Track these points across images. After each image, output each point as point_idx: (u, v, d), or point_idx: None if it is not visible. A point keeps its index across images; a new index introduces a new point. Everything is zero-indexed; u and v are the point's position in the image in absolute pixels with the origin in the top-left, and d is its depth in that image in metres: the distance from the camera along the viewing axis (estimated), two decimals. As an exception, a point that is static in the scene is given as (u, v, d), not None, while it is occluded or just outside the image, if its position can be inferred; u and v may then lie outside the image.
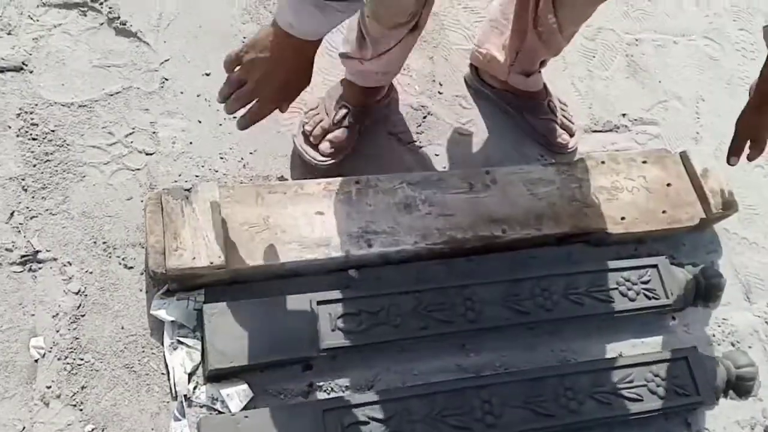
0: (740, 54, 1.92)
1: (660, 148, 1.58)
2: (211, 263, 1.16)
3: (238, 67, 1.02)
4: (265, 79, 1.01)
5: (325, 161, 1.41)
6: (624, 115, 1.73)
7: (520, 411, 1.22)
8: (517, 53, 1.50)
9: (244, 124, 1.05)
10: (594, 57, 1.80)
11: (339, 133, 1.42)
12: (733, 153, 1.35)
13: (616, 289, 1.39)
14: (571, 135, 1.63)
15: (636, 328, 1.43)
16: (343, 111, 1.42)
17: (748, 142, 1.33)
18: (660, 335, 1.43)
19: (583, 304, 1.36)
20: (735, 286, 1.55)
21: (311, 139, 1.42)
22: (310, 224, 1.28)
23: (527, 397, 1.23)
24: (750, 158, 1.34)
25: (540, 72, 1.57)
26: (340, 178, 1.36)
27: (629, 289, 1.40)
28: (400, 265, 1.35)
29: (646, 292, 1.40)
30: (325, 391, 1.21)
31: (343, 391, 1.22)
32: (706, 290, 1.47)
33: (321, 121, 1.43)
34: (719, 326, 1.49)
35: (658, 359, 1.34)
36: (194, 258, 1.15)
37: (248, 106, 1.04)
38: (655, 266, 1.43)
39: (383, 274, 1.34)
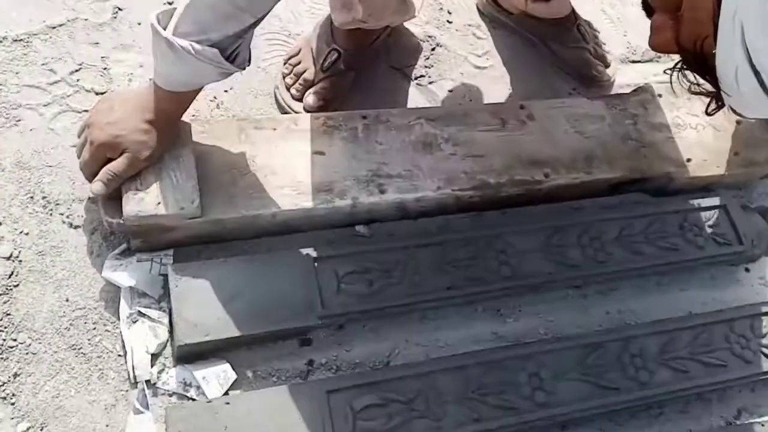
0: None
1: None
2: (182, 209, 0.91)
3: None
4: (105, 121, 0.90)
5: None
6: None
7: (576, 385, 0.96)
8: None
9: (96, 188, 0.90)
10: (624, -19, 1.56)
11: (327, 84, 1.17)
12: None
13: (681, 234, 1.14)
14: (607, 65, 1.38)
15: (705, 283, 1.17)
16: (334, 54, 1.18)
17: None
18: (735, 290, 1.17)
19: (642, 254, 1.10)
20: (814, 231, 1.29)
21: (293, 92, 1.17)
22: (306, 166, 1.02)
23: (584, 368, 0.98)
24: None
25: None
26: (342, 113, 1.11)
27: (696, 235, 1.14)
28: (418, 220, 1.10)
29: (716, 237, 1.15)
30: (329, 369, 0.95)
31: (352, 370, 0.96)
32: (783, 235, 1.22)
33: (304, 71, 1.18)
34: (802, 277, 1.23)
35: (740, 315, 1.08)
36: (159, 203, 0.90)
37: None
38: (723, 207, 1.17)
39: (398, 231, 1.08)
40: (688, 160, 1.19)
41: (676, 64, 0.73)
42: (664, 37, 0.68)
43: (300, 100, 1.18)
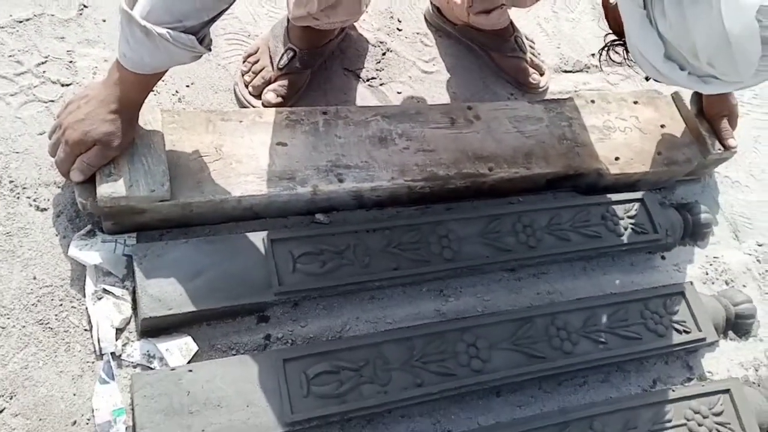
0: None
1: (649, 89, 1.47)
2: (153, 191, 0.97)
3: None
4: (74, 120, 0.95)
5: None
6: (593, 55, 1.63)
7: (508, 354, 1.07)
8: None
9: (75, 177, 0.96)
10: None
11: (284, 82, 1.25)
12: (724, 139, 1.36)
13: (603, 224, 1.26)
14: (542, 74, 1.51)
15: (624, 268, 1.30)
16: (290, 53, 1.26)
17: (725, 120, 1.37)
18: (651, 274, 1.31)
19: (569, 240, 1.22)
20: (722, 225, 1.45)
21: (250, 89, 1.25)
22: (270, 155, 1.10)
23: (516, 338, 1.08)
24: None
25: (502, 7, 1.44)
26: (304, 108, 1.19)
27: (616, 224, 1.27)
28: (371, 211, 1.19)
29: (634, 227, 1.28)
30: (285, 343, 1.03)
31: (306, 344, 1.04)
32: (694, 227, 1.37)
33: (262, 69, 1.26)
34: (711, 264, 1.38)
35: (654, 295, 1.21)
36: (131, 186, 0.96)
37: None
38: (641, 200, 1.31)
39: (353, 219, 1.17)
40: (617, 158, 1.32)
41: (606, 44, 0.88)
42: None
43: (258, 96, 1.25)
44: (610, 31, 0.89)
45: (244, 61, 1.28)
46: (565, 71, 1.59)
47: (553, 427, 1.02)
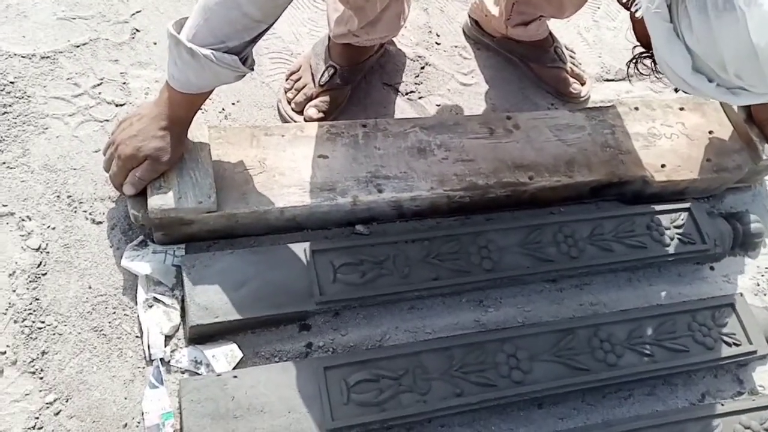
0: None
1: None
2: (200, 203, 1.01)
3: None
4: (127, 136, 1.00)
5: None
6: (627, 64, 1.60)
7: (550, 366, 1.06)
8: (513, 5, 1.38)
9: (127, 191, 1.02)
10: (599, 8, 1.69)
11: (325, 98, 1.29)
12: None
13: (648, 234, 1.24)
14: (583, 83, 1.50)
15: (671, 279, 1.27)
16: (331, 70, 1.29)
17: None
18: (699, 286, 1.27)
19: (612, 251, 1.21)
20: (774, 235, 1.40)
21: (293, 106, 1.29)
22: (312, 168, 1.13)
23: (557, 350, 1.07)
24: None
25: (541, 18, 1.45)
26: (344, 121, 1.22)
27: (662, 234, 1.25)
28: (410, 222, 1.21)
29: (681, 237, 1.26)
30: (326, 351, 1.05)
31: (347, 352, 1.06)
32: (744, 237, 1.33)
33: (304, 86, 1.30)
34: (763, 275, 1.34)
35: (702, 306, 1.18)
36: (180, 198, 1.00)
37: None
38: (688, 209, 1.28)
39: (393, 230, 1.19)
40: (663, 165, 1.30)
41: (634, 56, 0.89)
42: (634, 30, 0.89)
43: (300, 112, 1.29)
44: (638, 43, 0.89)
45: (287, 79, 1.32)
46: (607, 80, 1.58)
47: (596, 440, 1.00)
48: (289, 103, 1.30)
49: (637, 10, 0.79)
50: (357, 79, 1.35)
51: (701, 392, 1.16)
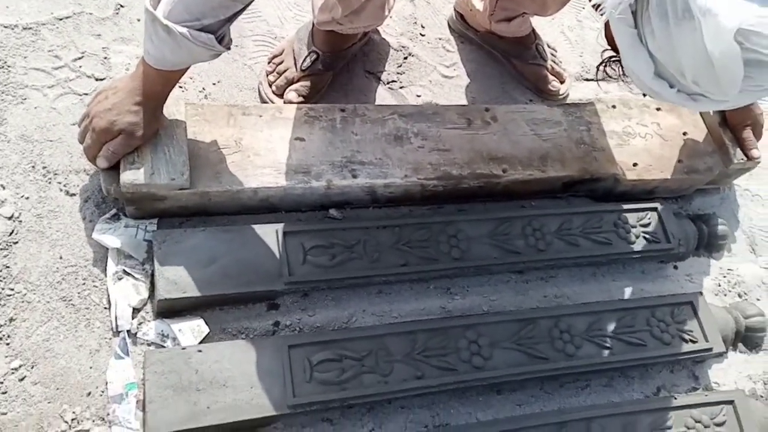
0: None
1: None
2: (173, 180, 1.02)
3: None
4: (102, 109, 1.01)
5: None
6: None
7: (510, 353, 1.09)
8: (497, 1, 1.40)
9: (101, 163, 1.03)
10: (583, 8, 1.72)
11: (306, 82, 1.30)
12: (747, 149, 1.35)
13: (615, 231, 1.27)
14: (562, 81, 1.53)
15: (635, 275, 1.31)
16: (313, 56, 1.31)
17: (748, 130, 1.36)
18: (662, 283, 1.31)
19: (578, 245, 1.24)
20: (739, 238, 1.44)
21: (274, 89, 1.30)
22: (287, 149, 1.15)
23: (518, 338, 1.10)
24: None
25: (524, 15, 1.47)
26: (323, 105, 1.23)
27: (628, 232, 1.28)
28: (383, 209, 1.23)
29: (646, 235, 1.29)
30: (292, 331, 1.07)
31: (313, 332, 1.08)
32: (709, 238, 1.36)
33: (286, 70, 1.31)
34: (724, 276, 1.37)
35: (662, 303, 1.21)
36: (153, 174, 1.02)
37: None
38: (655, 209, 1.31)
39: (365, 215, 1.21)
40: (635, 164, 1.33)
41: (604, 59, 0.91)
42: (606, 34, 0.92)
43: (281, 95, 1.31)
44: (609, 47, 0.92)
45: (269, 62, 1.33)
46: (587, 79, 1.61)
47: (550, 426, 1.03)
48: (270, 85, 1.31)
49: (602, 14, 0.82)
50: (339, 66, 1.37)
51: (657, 386, 1.20)
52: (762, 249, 1.44)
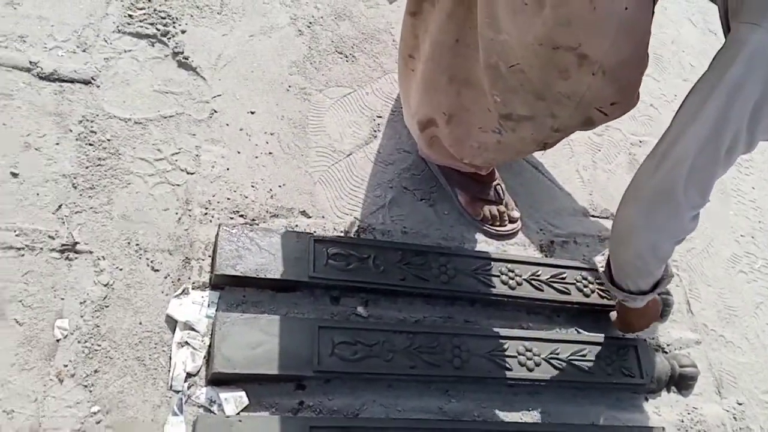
0: (735, 168, 2.08)
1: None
2: None
3: None
4: None
5: None
6: None
7: (491, 460, 1.30)
8: None
9: None
10: (600, 150, 1.97)
11: None
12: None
13: (596, 361, 1.49)
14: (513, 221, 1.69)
15: (610, 402, 1.51)
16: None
17: None
18: (632, 413, 1.51)
19: (563, 370, 1.45)
20: (708, 379, 1.64)
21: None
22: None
23: (500, 448, 1.31)
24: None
25: None
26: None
27: (608, 364, 1.49)
28: (402, 312, 1.46)
29: (623, 369, 1.50)
30: (314, 410, 1.30)
31: (330, 414, 1.30)
32: (680, 378, 1.57)
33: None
34: (689, 414, 1.57)
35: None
36: None
37: None
38: (635, 347, 1.53)
39: (388, 317, 1.44)
40: None
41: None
42: None
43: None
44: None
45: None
46: (593, 216, 1.84)
47: None
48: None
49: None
50: None
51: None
52: (727, 392, 1.64)
